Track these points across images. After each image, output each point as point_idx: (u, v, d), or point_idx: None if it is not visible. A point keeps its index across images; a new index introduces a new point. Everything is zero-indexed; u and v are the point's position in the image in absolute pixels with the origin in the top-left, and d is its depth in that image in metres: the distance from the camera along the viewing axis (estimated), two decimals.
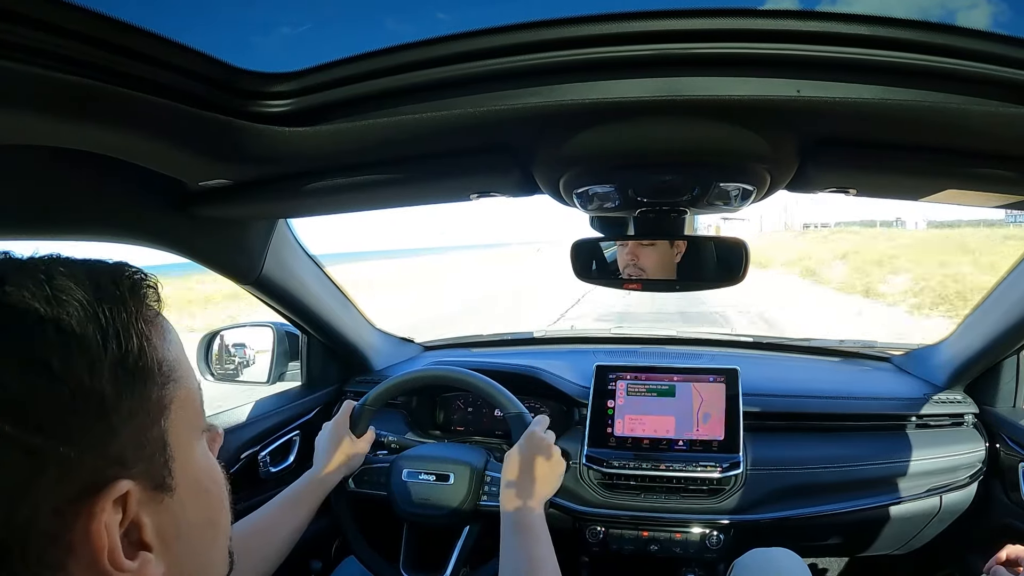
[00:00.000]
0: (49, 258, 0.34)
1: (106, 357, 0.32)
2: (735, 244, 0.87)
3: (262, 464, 1.19)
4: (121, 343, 0.32)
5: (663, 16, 0.45)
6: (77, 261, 0.34)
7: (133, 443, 0.33)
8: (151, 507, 0.34)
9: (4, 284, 0.31)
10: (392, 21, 0.50)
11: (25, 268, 0.32)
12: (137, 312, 0.34)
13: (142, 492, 0.33)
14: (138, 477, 0.33)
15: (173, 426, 0.35)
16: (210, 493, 0.40)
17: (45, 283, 0.31)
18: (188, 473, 0.36)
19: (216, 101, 0.51)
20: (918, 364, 1.37)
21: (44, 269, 0.32)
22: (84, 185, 0.66)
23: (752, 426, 1.20)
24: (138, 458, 0.33)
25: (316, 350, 1.38)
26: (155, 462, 0.34)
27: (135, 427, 0.33)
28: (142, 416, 0.34)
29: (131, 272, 0.36)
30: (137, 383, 0.33)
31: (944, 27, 0.45)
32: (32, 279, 0.31)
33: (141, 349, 0.34)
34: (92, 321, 0.32)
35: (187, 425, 0.37)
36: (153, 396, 0.34)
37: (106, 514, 0.31)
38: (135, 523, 0.33)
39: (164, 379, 0.35)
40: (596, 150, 0.63)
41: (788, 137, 0.60)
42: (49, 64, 0.40)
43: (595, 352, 1.54)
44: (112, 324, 0.32)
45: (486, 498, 0.99)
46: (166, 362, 0.36)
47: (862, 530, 1.22)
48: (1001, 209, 0.80)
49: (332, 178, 0.72)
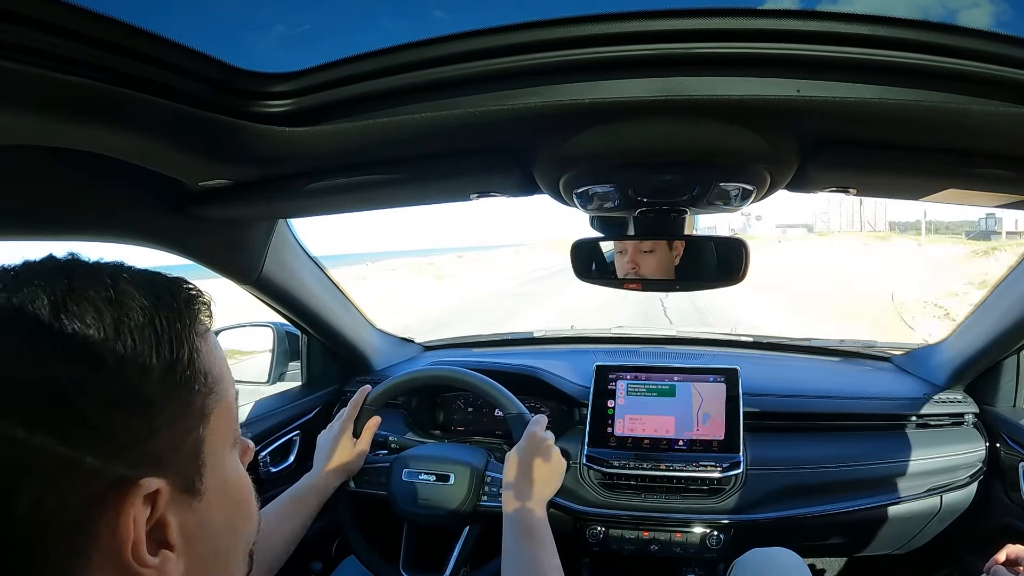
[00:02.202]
0: (115, 264, 0.36)
1: (158, 362, 0.33)
2: (735, 244, 0.87)
3: (262, 464, 1.19)
4: (173, 351, 0.34)
5: (663, 16, 0.45)
6: (140, 270, 0.36)
7: (170, 445, 0.34)
8: (179, 508, 0.35)
9: (72, 281, 0.32)
10: (389, 19, 0.50)
11: (92, 270, 0.34)
12: (191, 325, 0.36)
13: (172, 492, 0.34)
14: (170, 477, 0.34)
15: (210, 434, 0.37)
16: (236, 501, 0.41)
17: (110, 286, 0.33)
18: (218, 480, 0.38)
19: (216, 101, 0.51)
20: (918, 364, 1.37)
21: (110, 273, 0.34)
22: (84, 185, 0.66)
23: (752, 426, 1.20)
24: (172, 460, 0.34)
25: (316, 350, 1.38)
26: (188, 466, 0.36)
27: (175, 431, 0.34)
28: (183, 422, 0.35)
29: (188, 287, 0.38)
30: (183, 390, 0.35)
31: (944, 27, 0.45)
32: (98, 280, 0.33)
33: (190, 359, 0.35)
34: (149, 327, 0.33)
35: (222, 435, 0.39)
36: (196, 404, 0.36)
37: (135, 508, 0.32)
38: (161, 522, 0.34)
39: (208, 390, 0.37)
40: (596, 150, 0.63)
41: (788, 137, 0.60)
42: (49, 64, 0.40)
43: (595, 352, 1.54)
44: (167, 332, 0.34)
45: (486, 498, 0.99)
46: (211, 374, 0.37)
47: (862, 530, 1.22)
48: (1003, 209, 0.78)
49: (332, 178, 0.72)
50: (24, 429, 0.29)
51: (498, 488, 0.98)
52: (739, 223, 45.00)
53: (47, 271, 0.33)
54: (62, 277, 0.32)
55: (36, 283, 0.32)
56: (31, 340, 0.30)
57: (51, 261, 0.34)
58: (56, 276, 0.32)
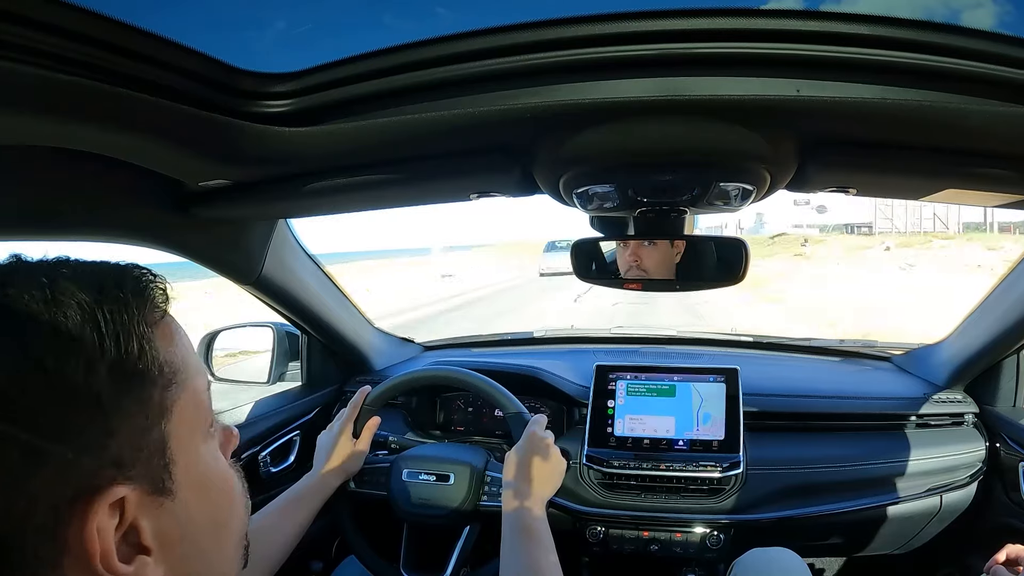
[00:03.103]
0: (55, 261, 0.34)
1: (103, 358, 0.32)
2: (735, 244, 0.87)
3: (262, 464, 1.19)
4: (120, 344, 0.33)
5: (663, 16, 0.45)
6: (84, 263, 0.35)
7: (131, 445, 0.33)
8: (150, 510, 0.34)
9: (7, 287, 0.31)
10: (390, 16, 0.49)
11: (30, 271, 0.33)
12: (140, 314, 0.34)
13: (141, 496, 0.33)
14: (136, 480, 0.33)
15: (175, 428, 0.35)
16: (218, 493, 0.39)
17: (47, 286, 0.32)
18: (192, 475, 0.36)
19: (216, 101, 0.51)
20: (918, 363, 1.37)
21: (48, 272, 0.33)
22: (84, 185, 0.66)
23: (752, 426, 1.20)
24: (136, 460, 0.33)
25: (316, 350, 1.38)
26: (154, 465, 0.34)
27: (133, 429, 0.33)
28: (140, 418, 0.34)
29: (138, 273, 0.36)
30: (135, 385, 0.33)
31: (944, 27, 0.45)
32: (35, 282, 0.32)
33: (141, 351, 0.34)
34: (90, 322, 0.32)
35: (191, 427, 0.37)
36: (154, 398, 0.34)
37: (99, 517, 0.31)
38: (133, 526, 0.33)
39: (166, 381, 0.35)
40: (596, 150, 0.63)
41: (788, 137, 0.60)
42: (49, 64, 0.40)
43: (595, 352, 1.54)
44: (112, 325, 0.32)
45: (486, 498, 0.99)
46: (169, 364, 0.35)
47: (862, 530, 1.22)
48: (1003, 209, 0.79)
49: (332, 178, 0.72)
50: None
51: (498, 488, 0.98)
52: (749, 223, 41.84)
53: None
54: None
55: None
56: None
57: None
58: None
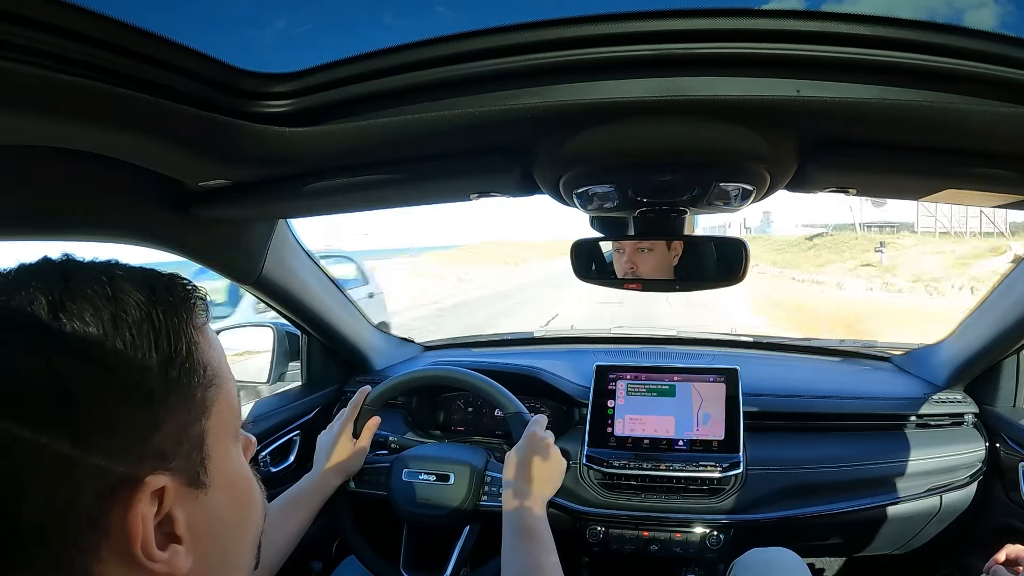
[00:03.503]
0: (109, 262, 0.36)
1: (157, 355, 0.34)
2: (735, 244, 0.87)
3: (262, 464, 1.19)
4: (171, 344, 0.35)
5: (663, 16, 0.45)
6: (134, 267, 0.37)
7: (174, 438, 0.35)
8: (186, 502, 0.35)
9: (68, 281, 0.33)
10: (391, 16, 0.50)
11: (87, 268, 0.35)
12: (187, 318, 0.37)
13: (178, 487, 0.35)
14: (176, 472, 0.34)
15: (212, 427, 0.37)
16: (242, 494, 0.41)
17: (107, 284, 0.33)
18: (223, 473, 0.38)
19: (216, 101, 0.51)
20: (918, 364, 1.37)
21: (105, 271, 0.35)
22: (84, 185, 0.66)
23: (752, 426, 1.20)
24: (177, 453, 0.35)
25: (316, 350, 1.38)
26: (192, 459, 0.36)
27: (177, 423, 0.35)
28: (184, 413, 0.36)
29: (183, 282, 0.39)
30: (183, 383, 0.35)
31: (944, 27, 0.45)
32: (94, 279, 0.33)
33: (189, 352, 0.36)
34: (147, 321, 0.34)
35: (225, 428, 0.39)
36: (196, 396, 0.36)
37: (143, 505, 0.32)
38: (169, 516, 0.34)
39: (207, 382, 0.37)
40: (596, 150, 0.63)
41: (788, 137, 0.60)
42: (49, 64, 0.40)
43: (595, 352, 1.54)
44: (164, 326, 0.34)
45: (486, 498, 0.99)
46: (210, 366, 0.38)
47: (862, 530, 1.22)
48: (1002, 209, 0.79)
49: (332, 178, 0.72)
50: (31, 429, 0.29)
51: (498, 488, 0.98)
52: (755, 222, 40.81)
53: (43, 272, 0.33)
54: (59, 277, 0.33)
55: (33, 285, 0.32)
56: (32, 341, 0.31)
57: (46, 263, 0.35)
58: (52, 276, 0.33)
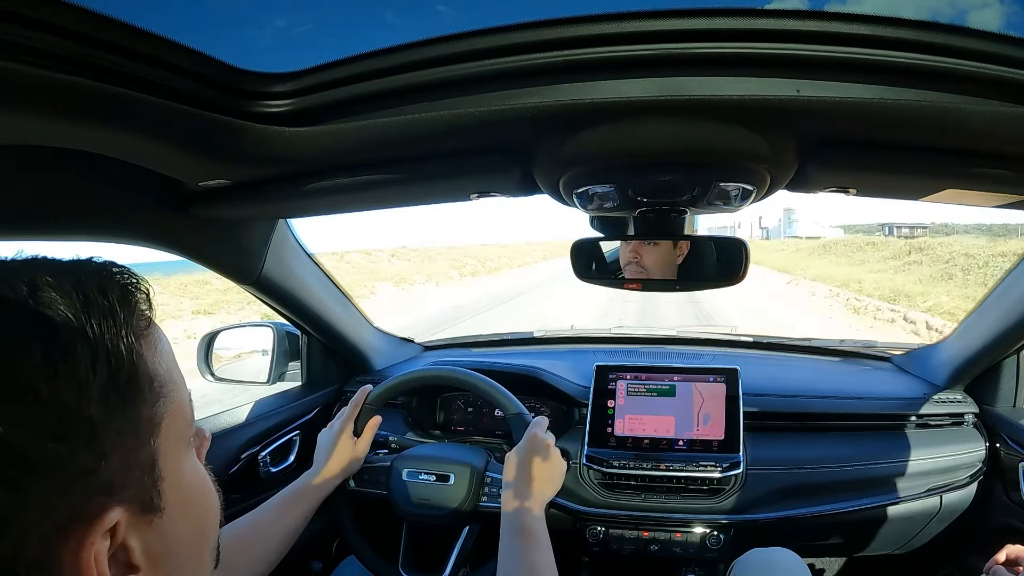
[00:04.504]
0: (32, 262, 0.31)
1: (95, 378, 0.29)
2: (735, 244, 0.87)
3: (262, 464, 1.19)
4: (111, 361, 0.30)
5: (663, 16, 0.45)
6: (61, 265, 0.32)
7: (122, 467, 0.31)
8: (140, 529, 0.33)
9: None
10: (391, 15, 0.50)
11: (5, 275, 0.29)
12: (128, 324, 0.32)
13: (131, 516, 0.32)
14: (127, 501, 0.31)
15: (163, 444, 0.34)
16: (198, 506, 0.38)
17: (28, 296, 0.29)
18: (177, 491, 0.35)
19: (216, 101, 0.51)
20: (918, 364, 1.37)
21: (27, 278, 0.29)
22: (84, 185, 0.66)
23: (752, 426, 1.20)
24: (127, 483, 0.31)
25: (316, 350, 1.38)
26: (144, 484, 0.33)
27: (124, 450, 0.31)
28: (131, 438, 0.32)
29: (120, 276, 0.33)
30: (127, 404, 0.31)
31: (944, 27, 0.45)
32: (13, 289, 0.29)
33: (132, 366, 0.32)
34: (80, 339, 0.29)
35: (177, 440, 0.36)
36: (144, 415, 0.33)
37: (95, 545, 0.30)
38: (124, 546, 0.32)
39: (155, 396, 0.33)
40: (596, 150, 0.63)
41: (788, 137, 0.60)
42: (49, 64, 0.40)
43: (595, 352, 1.54)
44: (102, 341, 0.30)
45: (486, 499, 0.99)
46: (157, 377, 0.34)
47: (862, 530, 1.22)
48: (1001, 209, 0.79)
49: (332, 178, 0.72)
50: None
51: (498, 488, 0.98)
52: (772, 221, 39.40)
53: None
54: None
55: None
56: None
57: None
58: None
